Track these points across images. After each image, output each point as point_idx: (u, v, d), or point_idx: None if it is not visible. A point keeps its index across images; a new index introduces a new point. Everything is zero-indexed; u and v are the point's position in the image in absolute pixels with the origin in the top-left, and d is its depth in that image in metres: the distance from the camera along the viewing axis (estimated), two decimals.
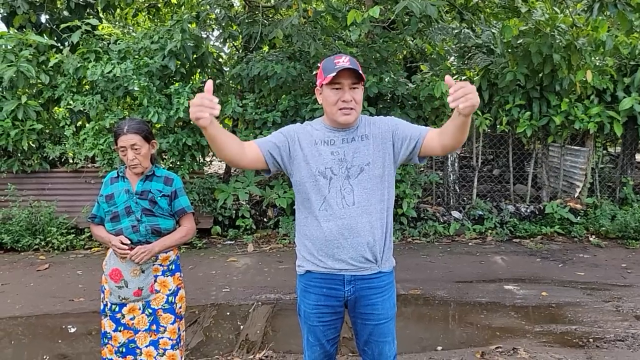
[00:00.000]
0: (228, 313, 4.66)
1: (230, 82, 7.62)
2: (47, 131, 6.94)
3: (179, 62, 6.56)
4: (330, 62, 2.16)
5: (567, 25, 6.65)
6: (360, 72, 2.13)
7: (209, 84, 1.94)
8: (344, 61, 2.12)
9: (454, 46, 8.81)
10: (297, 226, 2.32)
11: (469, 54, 8.02)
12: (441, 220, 7.49)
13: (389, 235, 2.26)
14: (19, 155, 6.73)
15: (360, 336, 2.32)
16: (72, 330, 4.32)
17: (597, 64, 7.30)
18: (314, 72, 7.01)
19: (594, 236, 7.17)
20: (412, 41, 8.46)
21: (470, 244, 6.98)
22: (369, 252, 2.18)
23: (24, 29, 7.21)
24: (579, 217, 7.40)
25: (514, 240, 7.15)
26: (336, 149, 2.20)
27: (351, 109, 2.15)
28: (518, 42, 6.87)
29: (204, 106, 1.88)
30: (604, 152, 8.32)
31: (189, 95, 6.31)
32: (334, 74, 2.09)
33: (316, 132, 2.26)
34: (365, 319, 2.26)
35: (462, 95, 1.82)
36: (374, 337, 2.26)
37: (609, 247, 6.77)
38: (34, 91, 6.88)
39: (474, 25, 7.96)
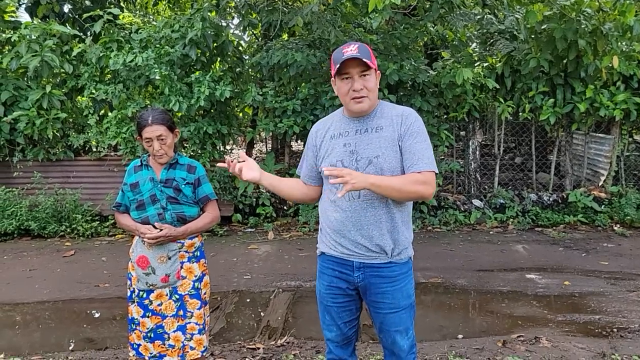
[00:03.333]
0: (249, 300, 4.72)
1: (250, 70, 7.64)
2: (71, 120, 7.07)
3: (200, 51, 6.59)
4: (339, 52, 2.16)
5: (593, 10, 6.48)
6: (365, 60, 2.10)
7: (224, 165, 2.27)
8: (351, 50, 2.11)
9: (476, 32, 8.67)
10: (319, 211, 2.39)
11: (492, 40, 7.88)
12: (462, 209, 7.44)
13: (401, 228, 2.23)
14: (44, 143, 6.86)
15: (375, 323, 2.35)
16: (97, 315, 4.42)
17: (624, 49, 7.10)
18: None
19: (618, 225, 7.05)
20: (433, 27, 8.34)
21: (491, 232, 6.92)
22: (374, 245, 2.19)
23: (47, 19, 7.33)
24: (603, 206, 7.28)
25: (536, 229, 7.07)
26: (348, 141, 2.21)
27: (363, 97, 2.15)
28: (542, 27, 6.72)
29: (238, 170, 2.20)
30: (630, 139, 8.13)
31: (209, 84, 6.34)
32: (337, 64, 2.10)
33: (334, 124, 2.30)
34: (377, 307, 2.27)
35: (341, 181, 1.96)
36: (385, 326, 2.28)
37: (633, 237, 6.65)
38: (58, 80, 7.00)
39: (496, 11, 7.81)
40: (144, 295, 2.66)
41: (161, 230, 2.57)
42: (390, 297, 2.23)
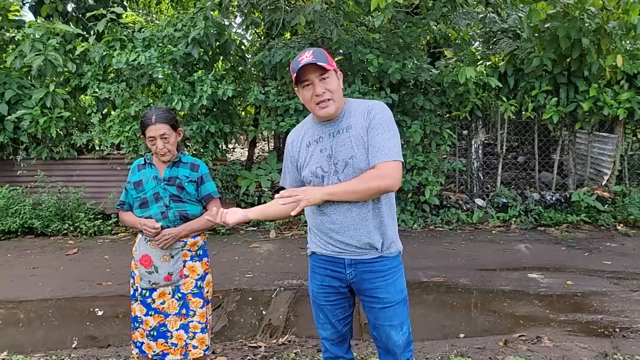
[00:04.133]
0: (251, 298, 4.73)
1: (253, 69, 7.64)
2: (74, 119, 7.09)
3: (202, 50, 6.60)
4: (295, 61, 2.14)
5: (597, 8, 6.45)
6: (321, 64, 2.07)
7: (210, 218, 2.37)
8: (307, 56, 2.09)
9: (478, 31, 8.65)
10: (305, 212, 2.36)
11: (495, 39, 7.86)
12: (464, 208, 7.43)
13: (388, 223, 2.24)
14: (48, 142, 6.88)
15: (369, 320, 2.34)
16: (100, 313, 4.44)
17: (628, 47, 7.08)
18: (336, 59, 6.98)
19: (621, 225, 7.03)
20: (436, 26, 8.32)
21: (493, 231, 6.92)
22: (362, 244, 2.20)
23: (51, 18, 7.34)
24: (606, 205, 7.26)
25: (539, 228, 7.06)
26: (324, 145, 2.20)
27: (327, 99, 2.13)
28: (545, 26, 6.70)
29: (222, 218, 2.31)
30: (634, 138, 8.10)
31: (212, 83, 6.35)
32: (295, 74, 2.09)
33: (307, 132, 2.29)
34: (370, 303, 2.27)
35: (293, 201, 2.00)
36: (379, 322, 2.27)
37: (637, 236, 6.63)
38: (61, 79, 7.01)
39: (499, 9, 7.79)
40: (147, 294, 2.67)
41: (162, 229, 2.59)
42: (383, 292, 2.24)
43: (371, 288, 2.24)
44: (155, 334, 2.68)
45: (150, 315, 2.68)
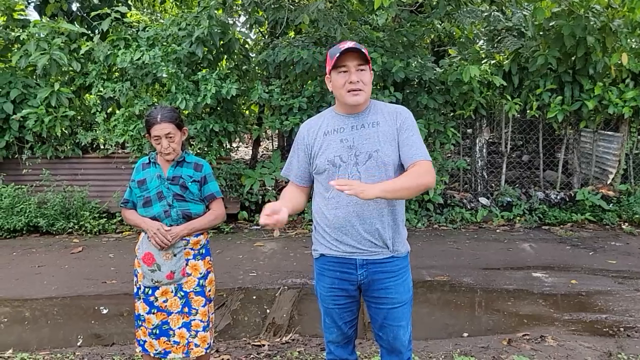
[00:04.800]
0: (255, 297, 4.74)
1: (257, 68, 7.64)
2: (79, 118, 7.12)
3: (206, 49, 6.60)
4: (335, 47, 2.20)
5: (602, 6, 6.42)
6: (364, 51, 2.15)
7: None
8: (348, 45, 2.15)
9: (483, 29, 8.62)
10: (313, 212, 2.37)
11: (499, 37, 7.83)
12: (468, 207, 7.42)
13: (400, 222, 2.27)
14: (53, 141, 6.91)
15: (375, 320, 2.33)
16: (105, 311, 4.46)
17: (633, 46, 7.05)
18: None
19: (626, 224, 7.00)
20: (440, 25, 8.30)
21: (497, 230, 6.90)
22: (378, 239, 2.20)
23: (55, 17, 7.37)
24: (611, 204, 7.23)
25: (543, 227, 7.04)
26: (345, 136, 2.22)
27: (359, 89, 2.16)
28: (550, 24, 6.67)
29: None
30: (639, 137, 8.07)
31: (216, 82, 6.36)
32: (337, 54, 2.12)
33: (326, 122, 2.29)
34: (380, 303, 2.27)
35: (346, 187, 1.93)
36: (388, 321, 2.28)
37: None
38: (66, 78, 7.04)
39: (504, 8, 7.76)
40: (150, 292, 2.68)
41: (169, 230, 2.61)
42: (393, 292, 2.24)
43: (381, 288, 2.24)
44: (157, 332, 2.69)
45: (153, 313, 2.69)
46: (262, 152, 11.42)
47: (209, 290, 2.79)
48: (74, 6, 7.82)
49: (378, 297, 2.26)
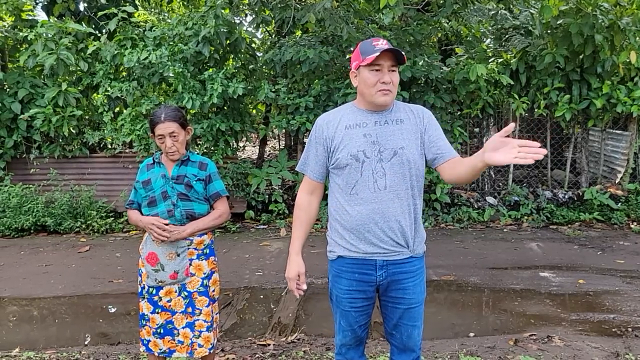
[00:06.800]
0: (261, 296, 4.74)
1: (263, 67, 7.65)
2: (87, 117, 7.16)
3: (213, 48, 6.62)
4: (368, 44, 2.17)
5: (610, 4, 6.37)
6: (403, 53, 2.15)
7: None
8: (382, 43, 2.14)
9: (490, 28, 8.58)
10: (330, 211, 2.32)
11: (506, 36, 7.79)
12: (475, 206, 7.38)
13: (419, 221, 2.26)
14: (60, 140, 6.96)
15: (390, 320, 2.31)
16: (112, 310, 4.48)
17: None
18: (347, 57, 6.96)
19: (635, 223, 6.94)
20: (447, 23, 8.28)
21: (505, 230, 6.86)
22: (400, 237, 2.18)
23: (63, 17, 7.41)
24: (619, 204, 7.17)
25: (551, 226, 7.00)
26: (368, 131, 2.19)
27: (389, 90, 2.16)
28: (558, 22, 6.63)
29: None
30: None
31: (222, 81, 6.36)
32: (376, 54, 2.09)
33: (346, 116, 2.26)
34: (397, 303, 2.25)
35: (525, 156, 1.88)
36: (403, 321, 2.26)
37: None
38: (74, 78, 7.08)
39: (511, 6, 7.72)
40: (154, 292, 2.69)
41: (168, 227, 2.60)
42: (410, 292, 2.24)
43: (399, 289, 2.23)
44: (162, 331, 2.70)
45: (157, 312, 2.69)
46: (269, 151, 11.42)
47: (213, 291, 2.78)
48: (82, 6, 7.86)
49: (395, 297, 2.25)
